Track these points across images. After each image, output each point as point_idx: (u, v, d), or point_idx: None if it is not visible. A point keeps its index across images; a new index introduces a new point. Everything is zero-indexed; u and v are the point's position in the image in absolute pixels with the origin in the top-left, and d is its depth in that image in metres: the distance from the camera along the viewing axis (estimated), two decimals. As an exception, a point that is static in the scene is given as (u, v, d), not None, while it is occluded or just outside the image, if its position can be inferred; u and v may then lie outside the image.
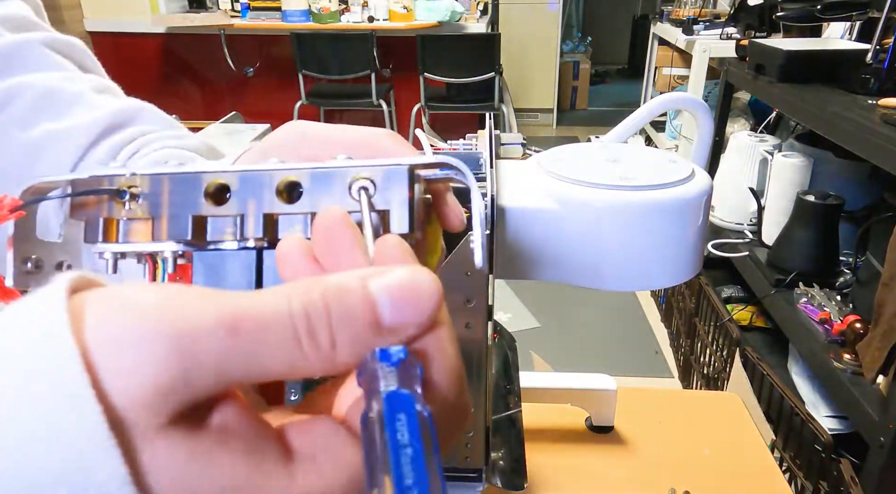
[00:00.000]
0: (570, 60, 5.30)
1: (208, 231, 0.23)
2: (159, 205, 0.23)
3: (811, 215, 1.50)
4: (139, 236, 0.23)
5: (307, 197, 0.22)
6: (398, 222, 0.22)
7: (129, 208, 0.23)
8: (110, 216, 0.23)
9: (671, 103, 0.57)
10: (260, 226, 0.22)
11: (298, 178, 0.22)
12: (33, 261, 0.24)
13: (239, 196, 0.22)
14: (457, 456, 0.48)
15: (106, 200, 0.23)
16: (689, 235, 0.44)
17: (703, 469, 0.69)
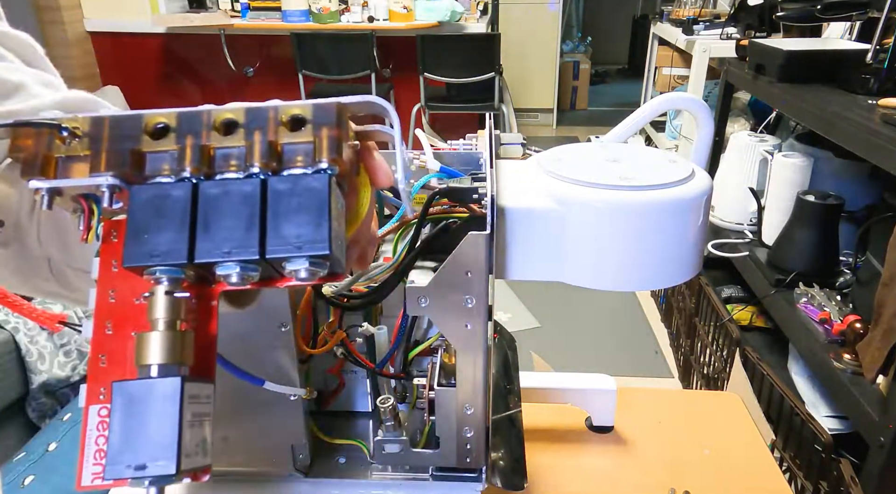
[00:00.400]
0: (570, 60, 5.30)
1: (147, 165, 0.23)
2: (99, 141, 0.23)
3: (811, 215, 1.50)
4: (76, 175, 0.23)
5: (242, 132, 0.24)
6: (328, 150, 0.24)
7: (69, 145, 0.23)
8: (49, 153, 0.23)
9: (671, 103, 0.57)
10: (197, 157, 0.23)
11: (234, 115, 0.24)
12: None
13: (178, 133, 0.23)
14: (457, 456, 0.49)
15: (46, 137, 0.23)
16: (689, 235, 0.44)
17: (703, 469, 0.69)
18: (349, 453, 0.53)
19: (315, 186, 0.23)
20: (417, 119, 3.58)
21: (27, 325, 1.44)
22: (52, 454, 1.20)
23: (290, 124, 0.24)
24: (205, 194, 0.23)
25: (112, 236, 0.25)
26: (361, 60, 3.33)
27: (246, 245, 0.23)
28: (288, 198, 0.23)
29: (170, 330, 0.23)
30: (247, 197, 0.23)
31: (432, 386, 0.46)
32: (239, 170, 0.24)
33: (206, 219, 0.23)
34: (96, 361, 0.24)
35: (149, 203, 0.23)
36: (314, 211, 0.23)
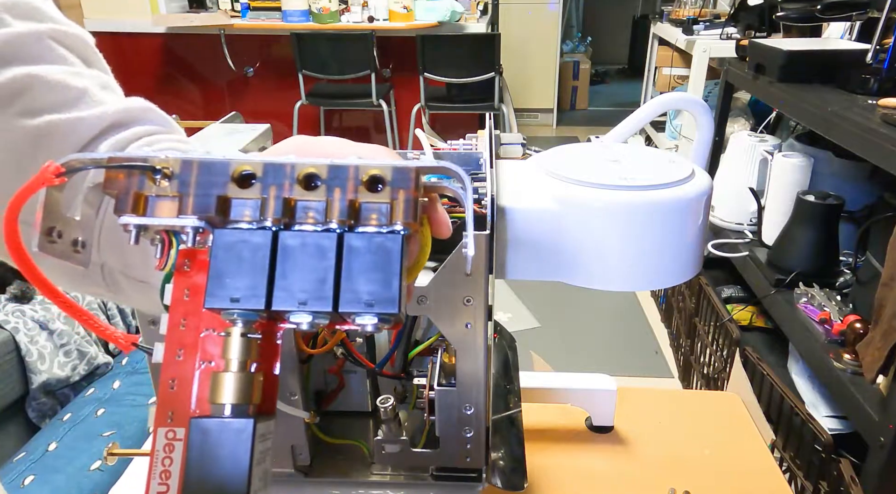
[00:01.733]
0: (570, 60, 5.30)
1: (231, 211, 0.25)
2: (188, 184, 0.25)
3: (811, 215, 1.50)
4: (163, 211, 0.25)
5: (323, 188, 0.25)
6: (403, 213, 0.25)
7: (159, 186, 0.25)
8: (140, 191, 0.25)
9: (671, 103, 0.57)
10: (280, 208, 0.25)
11: (317, 170, 0.25)
12: (56, 231, 0.25)
13: (263, 182, 0.25)
14: (457, 456, 0.49)
15: (137, 177, 0.25)
16: (689, 235, 0.44)
17: (703, 469, 0.69)
18: (349, 453, 0.53)
19: (389, 246, 0.25)
20: (417, 119, 3.58)
21: (27, 325, 1.44)
22: (52, 454, 1.20)
23: (369, 183, 0.25)
24: (284, 244, 0.25)
25: (185, 266, 0.26)
26: (361, 60, 3.33)
27: (320, 297, 0.24)
28: (362, 255, 0.25)
29: (243, 372, 0.24)
30: (323, 250, 0.25)
31: (432, 386, 0.46)
32: (316, 223, 0.25)
33: (284, 268, 0.24)
34: (166, 385, 0.25)
35: (231, 248, 0.25)
36: (386, 270, 0.25)
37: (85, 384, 1.51)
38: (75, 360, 1.50)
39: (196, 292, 0.26)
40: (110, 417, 1.34)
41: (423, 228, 0.29)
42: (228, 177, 0.25)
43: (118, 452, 0.63)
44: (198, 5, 3.65)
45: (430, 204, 0.29)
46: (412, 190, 0.25)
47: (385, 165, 0.25)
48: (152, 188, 0.25)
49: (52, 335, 1.47)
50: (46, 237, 0.25)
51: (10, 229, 0.24)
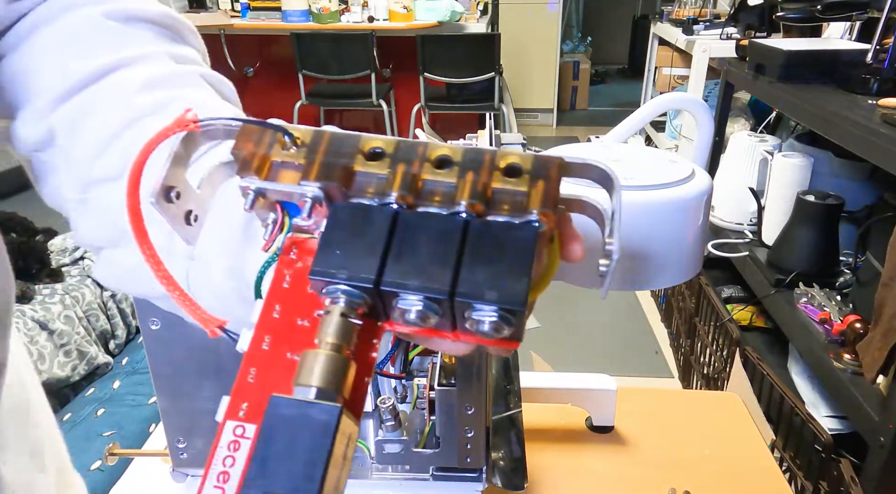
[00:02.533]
0: (570, 60, 5.30)
1: (354, 184, 0.23)
2: (315, 152, 0.24)
3: (811, 215, 1.50)
4: (287, 180, 0.23)
5: (455, 170, 0.23)
6: (541, 200, 0.23)
7: (287, 152, 0.24)
8: (267, 155, 0.24)
9: (671, 103, 0.57)
10: (406, 185, 0.23)
11: (452, 153, 0.23)
12: (175, 192, 0.24)
13: (393, 158, 0.23)
14: (458, 456, 0.49)
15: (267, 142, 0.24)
16: (688, 235, 0.44)
17: (703, 469, 0.69)
18: (349, 453, 0.52)
19: (522, 236, 0.22)
20: (417, 119, 3.58)
21: (27, 325, 1.44)
22: (52, 454, 1.20)
23: (506, 171, 0.23)
24: (404, 223, 0.23)
25: (291, 252, 0.25)
26: (361, 60, 3.33)
27: (436, 280, 0.22)
28: (490, 243, 0.22)
29: (336, 353, 0.22)
30: (447, 234, 0.22)
31: (433, 386, 0.46)
32: (443, 205, 0.23)
33: (401, 248, 0.22)
34: (245, 374, 0.23)
35: (347, 221, 0.23)
36: (516, 262, 0.22)
37: (85, 384, 1.51)
38: (75, 360, 1.50)
39: (297, 282, 0.24)
40: (110, 417, 1.34)
41: (554, 244, 0.26)
42: (357, 150, 0.23)
43: (118, 452, 0.64)
44: (198, 5, 3.65)
45: (562, 219, 0.26)
46: (552, 182, 0.23)
47: (526, 154, 0.23)
48: (279, 155, 0.24)
49: (52, 335, 1.47)
50: (163, 193, 0.24)
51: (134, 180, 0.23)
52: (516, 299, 0.21)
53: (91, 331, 1.59)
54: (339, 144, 0.24)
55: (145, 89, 0.36)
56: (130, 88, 0.36)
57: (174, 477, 0.56)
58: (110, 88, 0.36)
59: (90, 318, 1.61)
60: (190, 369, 0.51)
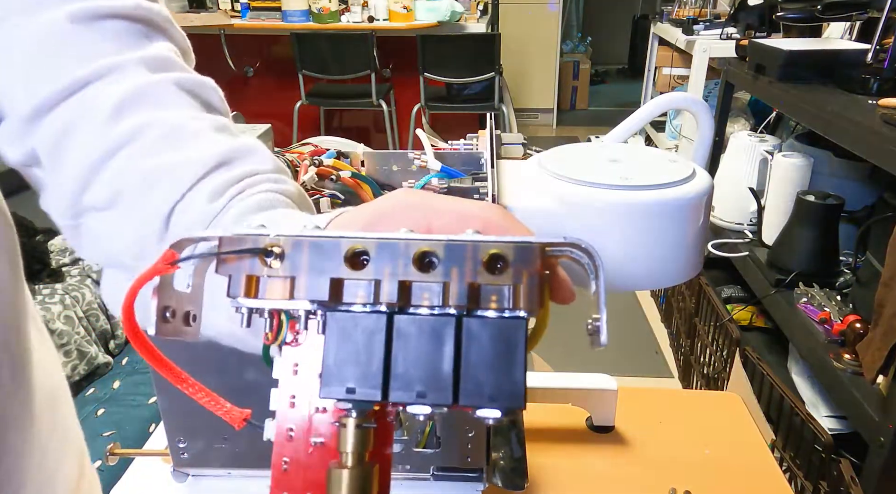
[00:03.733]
0: (570, 60, 5.30)
1: (344, 293, 0.24)
2: (299, 266, 0.24)
3: (811, 215, 1.50)
4: (275, 293, 0.24)
5: (440, 267, 0.24)
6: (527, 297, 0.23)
7: (270, 267, 0.24)
8: (252, 274, 0.24)
9: (671, 103, 0.57)
10: (395, 291, 0.23)
11: (433, 248, 0.24)
12: (171, 310, 0.25)
13: (376, 262, 0.24)
14: (458, 456, 0.49)
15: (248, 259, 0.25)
16: (689, 235, 0.44)
17: (703, 469, 0.69)
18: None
19: (513, 334, 0.23)
20: (417, 119, 3.58)
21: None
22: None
23: (489, 263, 0.24)
24: (399, 328, 0.24)
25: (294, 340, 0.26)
26: (361, 60, 3.33)
27: (439, 388, 0.23)
28: (482, 341, 0.23)
29: (359, 467, 0.23)
30: (441, 336, 0.23)
31: (433, 386, 0.46)
32: (433, 306, 0.24)
33: (398, 355, 0.23)
34: (279, 465, 0.25)
35: (345, 334, 0.24)
36: (509, 360, 0.23)
37: (85, 384, 1.51)
38: (75, 360, 1.50)
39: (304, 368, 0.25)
40: (110, 417, 1.34)
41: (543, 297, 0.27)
42: (341, 257, 0.24)
43: (118, 452, 0.64)
44: (198, 5, 3.65)
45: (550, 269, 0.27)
46: (537, 269, 0.24)
47: (506, 242, 0.24)
48: (264, 270, 0.24)
49: (52, 335, 1.47)
50: (161, 320, 0.25)
51: (128, 316, 0.23)
52: (515, 399, 0.23)
53: (91, 331, 1.59)
54: (321, 253, 0.24)
55: (117, 115, 0.35)
56: (103, 113, 0.35)
57: (174, 477, 0.57)
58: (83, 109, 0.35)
59: (90, 318, 1.61)
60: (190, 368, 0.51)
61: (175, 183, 0.35)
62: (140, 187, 0.35)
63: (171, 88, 0.38)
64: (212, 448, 0.54)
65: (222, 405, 0.27)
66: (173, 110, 0.37)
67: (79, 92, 0.35)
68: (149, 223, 0.35)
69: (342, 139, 0.63)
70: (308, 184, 0.53)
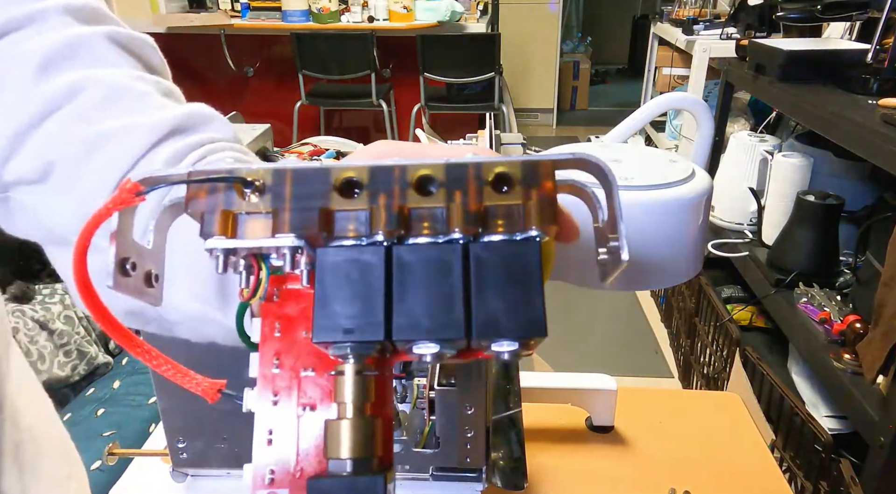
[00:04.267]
0: (570, 60, 5.30)
1: (335, 225, 0.21)
2: (282, 198, 0.21)
3: (811, 215, 1.50)
4: (256, 231, 0.21)
5: (441, 192, 0.21)
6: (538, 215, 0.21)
7: (249, 201, 0.21)
8: (228, 209, 0.21)
9: (671, 103, 0.57)
10: (393, 219, 0.21)
11: (433, 171, 0.21)
12: (130, 263, 0.22)
13: (370, 190, 0.21)
14: (457, 456, 0.49)
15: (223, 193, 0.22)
16: (688, 235, 0.44)
17: (703, 469, 0.69)
18: (349, 453, 0.52)
19: (526, 256, 0.21)
20: (417, 119, 3.58)
21: (27, 325, 1.44)
22: (52, 454, 1.20)
23: (495, 183, 0.21)
24: (400, 261, 0.21)
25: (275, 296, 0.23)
26: (361, 60, 3.33)
27: (449, 322, 0.20)
28: (494, 268, 0.21)
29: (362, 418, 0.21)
30: (447, 265, 0.21)
31: (433, 386, 0.46)
32: (436, 233, 0.21)
33: (402, 289, 0.21)
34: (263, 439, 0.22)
35: (338, 269, 0.21)
36: (526, 285, 0.21)
37: (85, 384, 1.51)
38: (75, 360, 1.50)
39: (289, 327, 0.23)
40: (110, 417, 1.34)
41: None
42: (329, 186, 0.21)
43: (118, 452, 0.64)
44: (198, 5, 3.65)
45: None
46: (546, 186, 0.21)
47: (513, 160, 0.22)
48: (241, 205, 0.21)
49: (52, 335, 1.47)
50: (120, 271, 0.21)
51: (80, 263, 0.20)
52: (536, 327, 0.20)
53: (91, 331, 1.59)
54: (308, 183, 0.21)
55: (45, 72, 0.31)
56: (28, 69, 0.31)
57: (174, 477, 0.56)
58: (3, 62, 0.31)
59: (90, 318, 1.61)
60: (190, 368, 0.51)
61: (122, 151, 0.31)
62: (78, 157, 0.31)
63: (105, 43, 0.34)
64: (211, 448, 0.54)
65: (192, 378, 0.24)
66: (110, 69, 0.33)
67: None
68: (93, 196, 0.31)
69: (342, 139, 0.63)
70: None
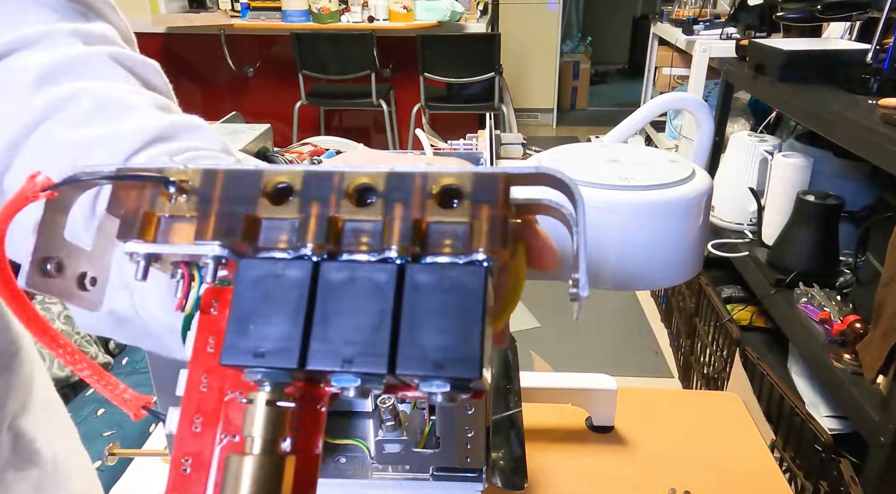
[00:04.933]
0: (570, 60, 5.30)
1: (261, 235, 0.20)
2: (209, 201, 0.20)
3: (811, 215, 1.50)
4: (180, 239, 0.20)
5: (380, 204, 0.19)
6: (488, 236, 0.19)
7: (174, 203, 0.20)
8: (151, 211, 0.20)
9: (671, 103, 0.57)
10: (323, 232, 0.19)
11: (372, 180, 0.19)
12: (54, 263, 0.20)
13: (302, 197, 0.19)
14: (457, 456, 0.49)
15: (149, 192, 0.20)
16: (688, 235, 0.44)
17: (703, 469, 0.69)
18: (349, 453, 0.53)
19: (468, 283, 0.18)
20: (417, 119, 3.58)
21: (27, 325, 1.43)
22: (52, 454, 1.20)
23: (440, 196, 0.19)
24: (326, 279, 0.19)
25: (213, 307, 0.21)
26: (361, 60, 3.33)
27: (372, 353, 0.18)
28: (430, 294, 0.19)
29: (268, 454, 0.19)
30: (379, 288, 0.19)
31: (432, 386, 0.46)
32: (370, 250, 0.19)
33: (325, 311, 0.19)
34: (178, 466, 0.20)
35: (259, 284, 0.19)
36: (463, 317, 0.18)
37: (85, 384, 1.51)
38: (75, 360, 1.49)
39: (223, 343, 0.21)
40: (110, 417, 1.34)
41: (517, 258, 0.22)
42: (259, 191, 0.20)
43: (118, 452, 0.64)
44: (198, 5, 3.65)
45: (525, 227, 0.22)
46: (500, 205, 0.19)
47: (462, 171, 0.19)
48: (166, 207, 0.20)
49: (52, 335, 1.47)
50: (38, 270, 0.20)
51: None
52: (468, 367, 0.18)
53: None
54: (237, 187, 0.20)
55: (42, 84, 0.32)
56: (26, 83, 0.31)
57: (174, 477, 0.56)
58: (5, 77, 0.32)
59: (90, 318, 1.61)
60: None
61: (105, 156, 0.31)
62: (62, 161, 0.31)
63: (107, 61, 0.34)
64: (211, 448, 0.54)
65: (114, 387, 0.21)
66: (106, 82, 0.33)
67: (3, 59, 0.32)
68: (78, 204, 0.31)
69: (342, 139, 0.63)
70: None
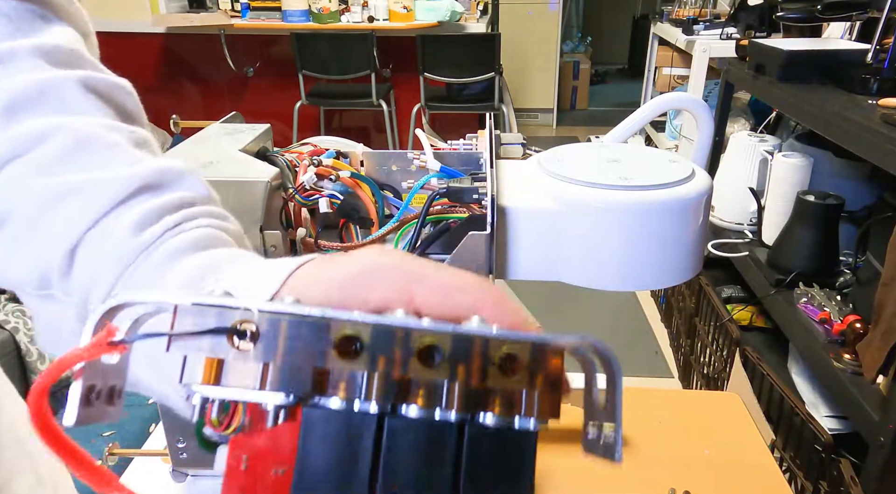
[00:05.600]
0: (570, 60, 5.30)
1: (328, 387, 0.20)
2: (274, 349, 0.20)
3: (811, 215, 1.50)
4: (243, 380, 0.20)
5: (444, 364, 0.20)
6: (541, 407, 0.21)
7: (239, 349, 0.20)
8: (214, 356, 0.20)
9: (671, 103, 0.57)
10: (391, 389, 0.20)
11: (438, 340, 0.20)
12: (96, 391, 0.21)
13: (370, 351, 0.20)
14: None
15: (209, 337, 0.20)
16: (688, 235, 0.44)
17: (703, 469, 0.69)
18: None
19: (522, 444, 0.20)
20: (417, 119, 3.58)
21: (27, 325, 1.44)
22: (52, 454, 1.20)
23: (501, 364, 0.20)
24: (391, 432, 0.19)
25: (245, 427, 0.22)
26: (361, 60, 3.33)
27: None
28: (487, 451, 0.20)
29: None
30: (438, 446, 0.19)
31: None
32: (431, 406, 0.20)
33: (388, 463, 0.19)
34: None
35: (324, 430, 0.19)
36: (517, 476, 0.20)
37: (85, 384, 1.51)
38: (75, 360, 1.50)
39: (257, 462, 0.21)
40: (110, 417, 1.34)
41: None
42: (327, 344, 0.20)
43: (118, 452, 0.64)
44: (198, 5, 3.65)
45: None
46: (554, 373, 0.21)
47: (523, 338, 0.20)
48: (229, 351, 0.20)
49: (52, 335, 1.47)
50: (85, 404, 0.20)
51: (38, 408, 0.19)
52: None
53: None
54: (304, 337, 0.20)
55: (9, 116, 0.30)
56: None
57: (174, 477, 0.57)
58: None
59: (90, 318, 1.61)
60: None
61: (84, 206, 0.29)
62: (36, 209, 0.29)
63: (77, 89, 0.32)
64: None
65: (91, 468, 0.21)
66: (80, 117, 0.31)
67: None
68: (50, 253, 0.28)
69: (341, 139, 0.63)
70: (307, 184, 0.53)
